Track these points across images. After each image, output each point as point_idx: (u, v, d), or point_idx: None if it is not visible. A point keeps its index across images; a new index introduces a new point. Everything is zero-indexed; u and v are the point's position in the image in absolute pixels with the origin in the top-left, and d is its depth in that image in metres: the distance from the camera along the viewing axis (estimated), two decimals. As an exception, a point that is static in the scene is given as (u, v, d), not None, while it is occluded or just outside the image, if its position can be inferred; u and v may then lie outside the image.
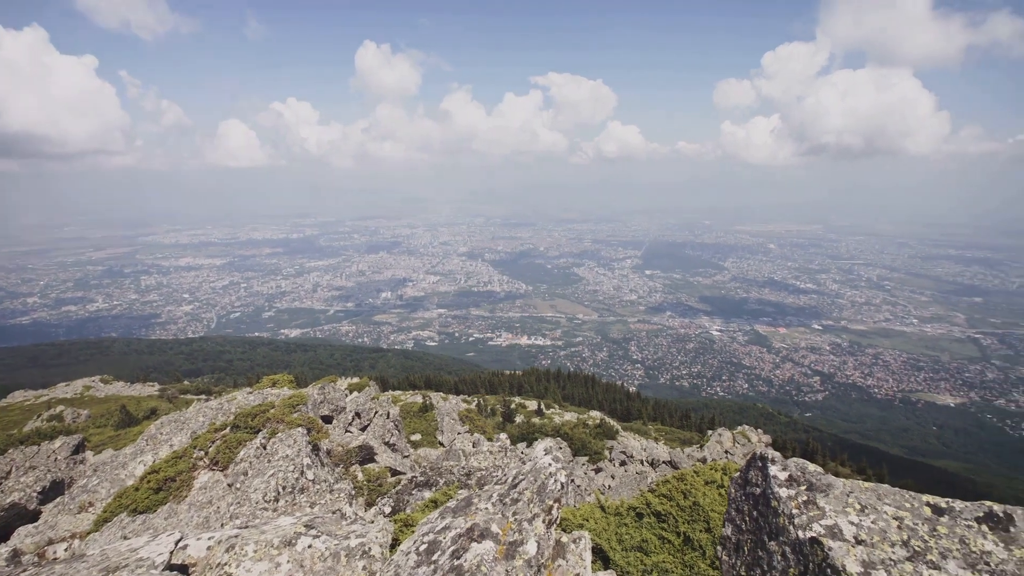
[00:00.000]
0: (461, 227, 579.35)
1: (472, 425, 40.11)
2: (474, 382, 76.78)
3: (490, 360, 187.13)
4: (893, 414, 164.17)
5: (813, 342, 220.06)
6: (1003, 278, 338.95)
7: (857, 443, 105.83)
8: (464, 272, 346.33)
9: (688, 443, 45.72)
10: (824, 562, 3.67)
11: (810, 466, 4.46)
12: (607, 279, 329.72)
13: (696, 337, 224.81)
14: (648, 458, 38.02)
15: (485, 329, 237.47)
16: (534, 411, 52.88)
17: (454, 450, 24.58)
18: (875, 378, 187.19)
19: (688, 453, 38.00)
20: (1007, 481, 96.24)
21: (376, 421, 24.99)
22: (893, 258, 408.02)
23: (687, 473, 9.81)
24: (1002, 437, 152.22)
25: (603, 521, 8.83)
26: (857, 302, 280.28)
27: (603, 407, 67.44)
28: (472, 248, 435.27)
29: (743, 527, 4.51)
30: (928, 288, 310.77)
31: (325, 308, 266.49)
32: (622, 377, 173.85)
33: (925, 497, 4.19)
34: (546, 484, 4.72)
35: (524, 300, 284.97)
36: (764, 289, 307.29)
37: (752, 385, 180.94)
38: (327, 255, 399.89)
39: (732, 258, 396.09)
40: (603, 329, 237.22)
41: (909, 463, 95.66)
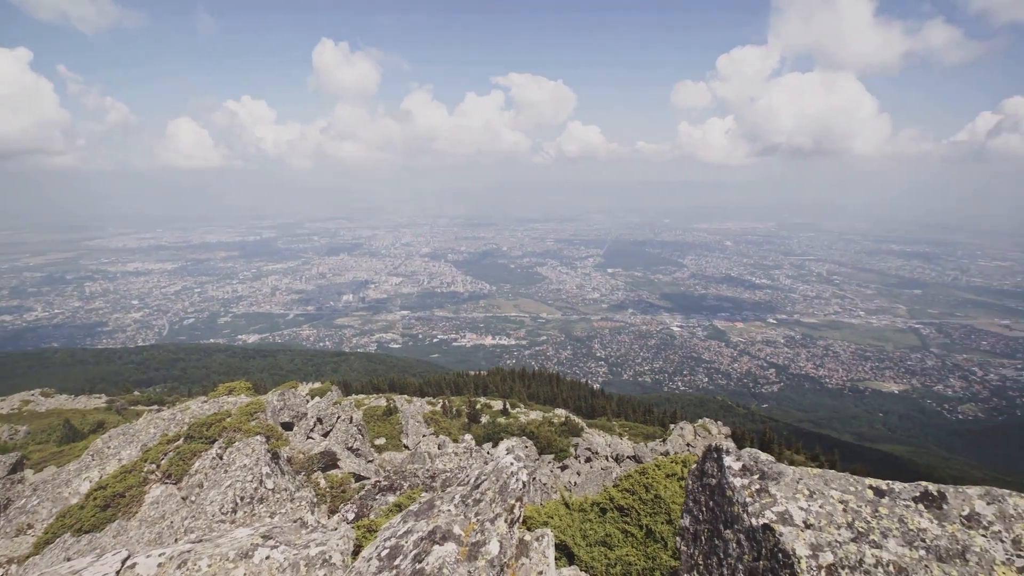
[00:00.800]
0: (424, 228, 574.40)
1: (437, 427, 39.84)
2: (439, 383, 76.25)
3: (455, 361, 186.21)
4: (843, 402, 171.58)
5: (768, 336, 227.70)
6: (940, 271, 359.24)
7: (811, 431, 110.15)
8: (427, 273, 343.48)
9: (651, 437, 46.61)
10: (776, 547, 3.81)
11: (762, 455, 4.62)
12: (570, 278, 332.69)
13: (657, 333, 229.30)
14: (613, 454, 38.59)
15: (449, 330, 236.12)
16: (500, 411, 52.89)
17: (419, 452, 24.38)
18: (826, 369, 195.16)
19: (651, 447, 38.73)
20: (944, 461, 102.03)
21: (339, 426, 24.54)
22: (841, 253, 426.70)
23: (649, 467, 9.99)
24: (940, 420, 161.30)
25: (568, 518, 8.91)
26: (809, 296, 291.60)
27: (568, 405, 68.03)
28: (435, 249, 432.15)
29: (700, 517, 4.63)
30: (873, 282, 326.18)
31: (284, 312, 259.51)
32: (586, 375, 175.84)
33: (868, 481, 4.40)
34: (508, 483, 4.74)
35: (488, 300, 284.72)
36: (722, 285, 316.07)
37: (712, 379, 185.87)
38: (286, 258, 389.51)
39: (691, 256, 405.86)
40: (567, 327, 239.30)
41: (859, 448, 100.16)
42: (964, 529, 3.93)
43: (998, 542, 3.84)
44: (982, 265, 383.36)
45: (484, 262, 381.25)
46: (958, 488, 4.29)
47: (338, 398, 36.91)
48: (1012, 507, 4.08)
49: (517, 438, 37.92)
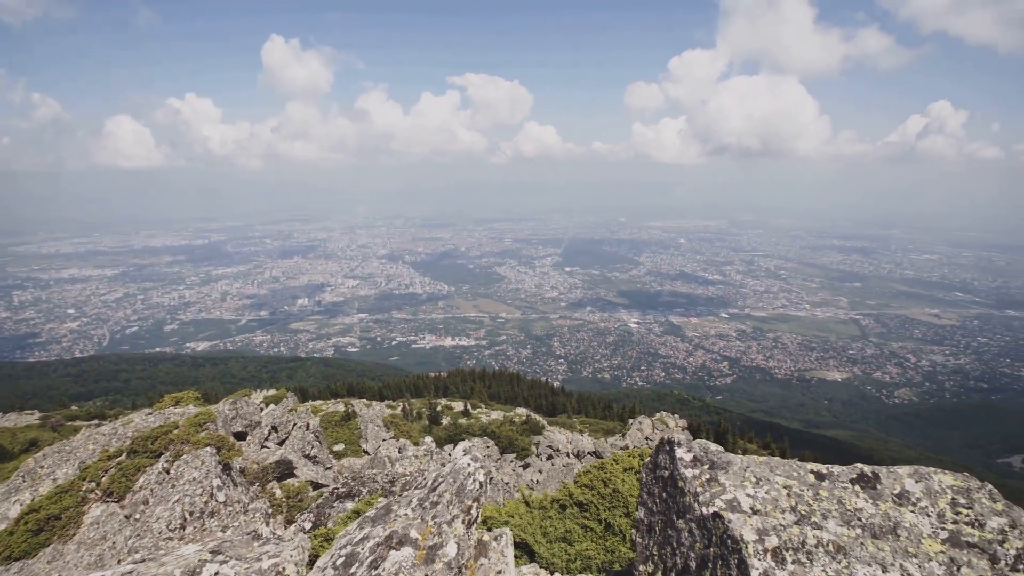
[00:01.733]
0: (380, 229, 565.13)
1: (397, 430, 39.33)
2: (399, 386, 75.30)
3: (414, 363, 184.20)
4: (792, 392, 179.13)
5: (721, 330, 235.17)
6: (876, 265, 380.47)
7: (763, 420, 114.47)
8: (384, 275, 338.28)
9: (611, 433, 47.38)
10: (725, 534, 3.94)
11: (712, 446, 4.78)
12: (529, 277, 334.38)
13: (615, 330, 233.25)
14: (574, 450, 39.00)
15: (408, 332, 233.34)
16: (461, 412, 52.68)
17: (379, 457, 24.00)
18: (776, 360, 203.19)
19: (611, 442, 39.34)
20: (883, 444, 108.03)
21: (295, 434, 23.87)
22: (787, 249, 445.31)
23: (607, 462, 10.14)
24: (879, 405, 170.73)
25: (528, 516, 8.96)
26: (758, 291, 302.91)
27: (529, 403, 68.40)
28: (392, 250, 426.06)
29: (654, 509, 4.75)
30: (817, 276, 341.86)
31: (236, 318, 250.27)
32: (546, 373, 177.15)
33: (809, 465, 4.61)
34: (465, 484, 4.73)
35: (447, 301, 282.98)
36: (676, 282, 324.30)
37: (668, 373, 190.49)
38: (236, 261, 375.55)
39: (646, 253, 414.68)
40: (526, 327, 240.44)
41: (807, 435, 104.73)
42: (895, 506, 4.18)
43: (925, 517, 4.11)
44: (914, 258, 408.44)
45: (442, 263, 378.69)
46: (890, 468, 4.55)
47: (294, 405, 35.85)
48: (937, 484, 4.36)
49: (479, 438, 37.84)
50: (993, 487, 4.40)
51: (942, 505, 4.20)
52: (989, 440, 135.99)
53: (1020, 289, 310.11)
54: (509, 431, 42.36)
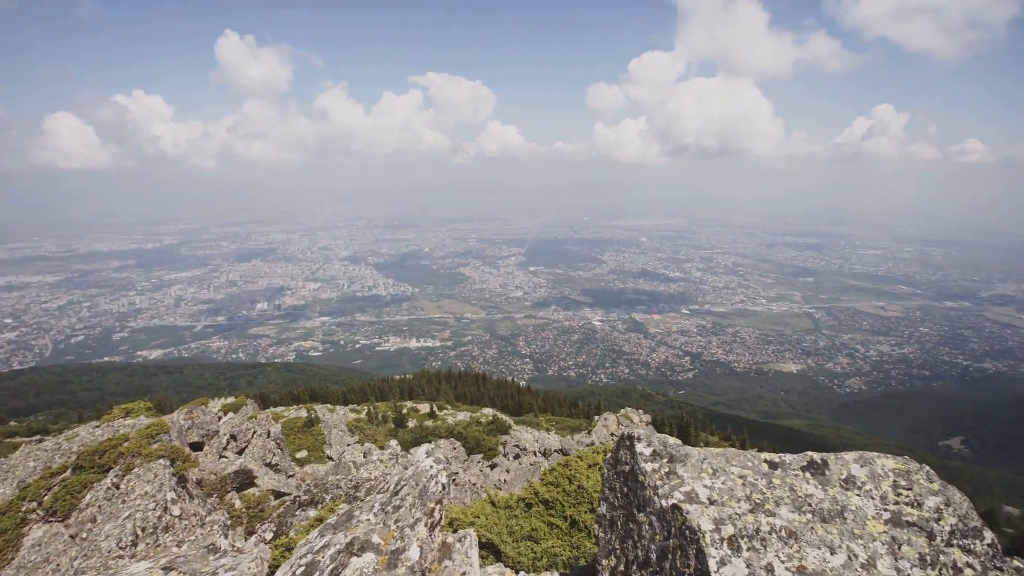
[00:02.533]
0: (342, 230, 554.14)
1: (362, 435, 38.70)
2: (363, 390, 74.12)
3: (379, 366, 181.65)
4: (750, 384, 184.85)
5: (683, 325, 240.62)
6: (827, 260, 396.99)
7: (723, 413, 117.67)
8: (347, 277, 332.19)
9: (577, 430, 47.86)
10: (684, 525, 4.04)
11: (671, 440, 4.89)
12: (493, 277, 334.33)
13: (580, 328, 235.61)
14: (541, 449, 39.21)
15: (372, 335, 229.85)
16: (427, 414, 52.27)
17: (343, 463, 23.57)
18: (735, 354, 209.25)
19: (577, 439, 39.72)
20: (836, 431, 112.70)
21: (255, 442, 23.18)
22: (744, 246, 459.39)
23: (572, 459, 10.24)
24: (831, 395, 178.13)
25: (494, 516, 8.96)
26: (717, 287, 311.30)
27: (495, 403, 68.38)
28: (354, 252, 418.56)
29: (616, 503, 4.82)
30: (772, 272, 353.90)
31: (191, 324, 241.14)
32: (512, 372, 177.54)
33: (763, 455, 4.77)
34: (427, 487, 4.69)
35: (411, 302, 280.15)
36: (639, 279, 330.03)
37: (632, 369, 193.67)
38: (191, 265, 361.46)
39: (609, 252, 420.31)
40: (491, 327, 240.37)
41: (765, 425, 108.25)
42: (843, 491, 4.37)
43: (869, 499, 4.31)
44: (861, 254, 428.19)
45: (406, 264, 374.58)
46: (838, 455, 4.75)
47: (254, 412, 34.80)
48: (880, 467, 4.58)
49: (445, 440, 37.63)
50: (931, 469, 4.65)
51: (885, 488, 4.41)
52: (931, 424, 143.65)
53: (957, 281, 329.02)
54: (476, 432, 42.30)
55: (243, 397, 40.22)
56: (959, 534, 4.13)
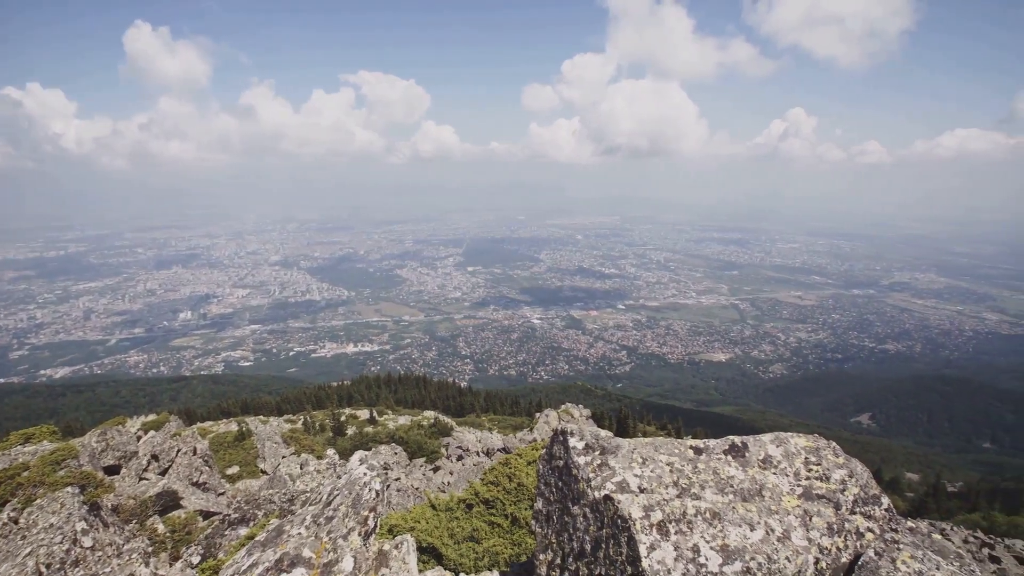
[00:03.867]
0: (272, 234, 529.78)
1: (299, 446, 37.27)
2: (299, 399, 71.40)
3: (315, 373, 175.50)
4: (684, 374, 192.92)
5: (619, 321, 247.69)
6: (750, 254, 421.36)
7: (659, 404, 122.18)
8: (278, 282, 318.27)
9: (520, 428, 48.21)
10: (615, 514, 4.16)
11: (602, 433, 5.03)
12: (431, 278, 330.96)
13: (519, 327, 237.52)
14: (484, 448, 39.21)
15: (307, 341, 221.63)
16: (367, 420, 51.06)
17: (278, 476, 22.63)
18: (668, 346, 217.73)
19: (520, 437, 40.02)
20: (762, 415, 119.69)
21: (180, 461, 21.76)
22: (674, 242, 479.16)
23: (511, 457, 10.30)
24: (757, 380, 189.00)
25: (435, 519, 8.89)
26: (651, 282, 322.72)
27: (437, 406, 67.77)
28: (286, 256, 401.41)
29: (551, 498, 4.91)
30: (701, 266, 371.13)
31: (104, 338, 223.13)
32: (453, 374, 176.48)
33: (689, 442, 5.00)
34: (361, 495, 4.59)
35: (347, 307, 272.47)
36: (575, 277, 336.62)
37: (572, 366, 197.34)
38: (102, 274, 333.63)
39: (546, 250, 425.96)
40: (430, 328, 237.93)
41: (698, 413, 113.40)
42: (761, 471, 4.65)
43: (784, 477, 4.61)
44: (780, 247, 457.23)
45: (341, 267, 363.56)
46: (756, 437, 5.05)
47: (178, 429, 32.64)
48: (793, 446, 4.92)
49: (386, 445, 36.89)
50: (836, 444, 5.05)
51: (797, 465, 4.74)
52: (843, 402, 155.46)
53: (862, 271, 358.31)
54: (417, 435, 41.78)
55: (166, 414, 37.72)
56: (861, 502, 4.50)
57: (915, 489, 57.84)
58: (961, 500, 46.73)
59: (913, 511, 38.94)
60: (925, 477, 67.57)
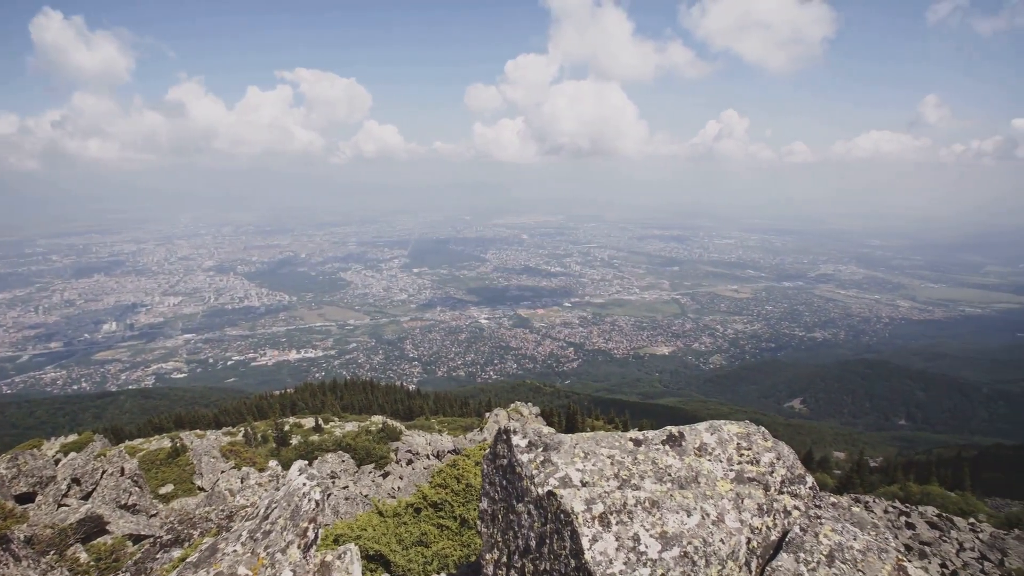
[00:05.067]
0: (205, 238, 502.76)
1: (239, 459, 35.63)
2: (239, 410, 68.33)
3: (256, 383, 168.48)
4: (629, 369, 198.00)
5: (566, 318, 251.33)
6: (689, 250, 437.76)
7: (606, 398, 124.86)
8: (214, 289, 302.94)
9: (470, 428, 48.06)
10: (559, 509, 4.22)
11: (545, 430, 5.08)
12: (376, 281, 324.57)
13: (467, 328, 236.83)
14: (434, 451, 38.84)
15: (246, 349, 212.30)
16: (312, 428, 49.51)
17: (217, 492, 21.59)
18: (614, 341, 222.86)
19: (470, 438, 39.90)
20: (704, 405, 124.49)
21: (105, 483, 20.33)
22: (618, 240, 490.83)
23: (459, 459, 10.25)
24: (698, 372, 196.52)
25: (382, 526, 8.73)
26: (595, 279, 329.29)
27: (385, 410, 66.59)
28: (221, 261, 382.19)
29: (496, 497, 4.92)
30: (643, 263, 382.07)
31: (15, 354, 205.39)
32: (401, 377, 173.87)
33: (629, 434, 5.13)
34: (300, 506, 4.44)
35: (289, 312, 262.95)
36: (522, 276, 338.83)
37: (520, 364, 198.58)
38: (11, 284, 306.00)
39: (492, 250, 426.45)
40: (377, 332, 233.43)
41: (644, 406, 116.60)
42: (696, 458, 4.84)
43: (718, 463, 4.82)
44: (717, 243, 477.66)
45: (281, 271, 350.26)
46: (692, 426, 5.25)
47: (103, 449, 30.48)
48: (726, 433, 5.14)
49: (333, 453, 35.89)
50: (766, 429, 5.32)
51: (730, 451, 4.96)
52: (777, 389, 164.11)
53: (792, 264, 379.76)
54: (365, 441, 40.88)
55: (88, 433, 35.28)
56: (788, 482, 4.77)
57: (842, 466, 61.74)
58: (882, 474, 50.35)
59: (841, 487, 41.57)
60: (851, 455, 72.31)
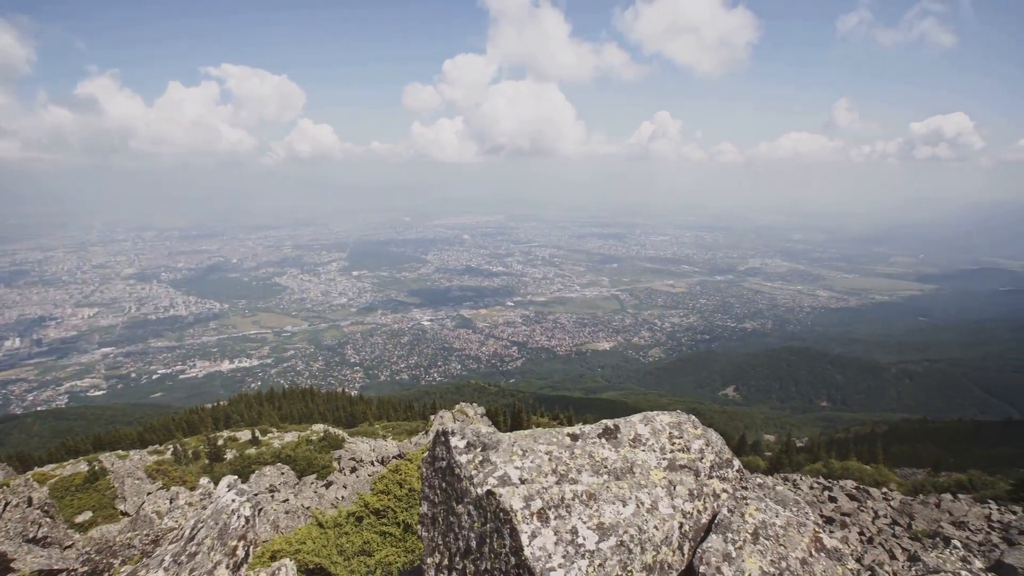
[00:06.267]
0: (124, 244, 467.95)
1: (167, 479, 33.57)
2: (166, 427, 64.29)
3: (186, 396, 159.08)
4: (572, 365, 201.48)
5: (508, 317, 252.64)
6: (627, 247, 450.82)
7: (551, 395, 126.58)
8: (135, 298, 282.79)
9: (415, 432, 47.38)
10: (498, 508, 4.23)
11: (483, 429, 5.09)
12: (314, 285, 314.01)
13: (410, 330, 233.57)
14: (378, 457, 38.03)
15: (173, 362, 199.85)
16: (248, 441, 47.24)
17: (143, 516, 20.23)
18: (557, 339, 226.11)
19: (415, 441, 39.35)
20: (644, 397, 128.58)
21: (9, 516, 18.62)
22: (558, 238, 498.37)
23: (401, 463, 10.09)
24: (638, 365, 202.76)
25: (322, 538, 8.47)
26: (537, 278, 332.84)
27: (327, 418, 64.60)
28: (143, 268, 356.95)
29: (436, 500, 4.88)
30: (583, 260, 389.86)
31: None
32: (342, 383, 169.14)
33: (566, 429, 5.22)
34: (229, 524, 4.22)
35: (220, 320, 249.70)
36: (464, 276, 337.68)
37: (464, 365, 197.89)
38: None
39: (433, 251, 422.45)
40: (316, 338, 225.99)
41: (587, 401, 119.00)
42: (631, 449, 4.99)
43: (652, 453, 4.99)
44: (653, 240, 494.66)
45: (211, 278, 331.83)
46: (627, 419, 5.41)
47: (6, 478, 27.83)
48: (659, 423, 5.33)
49: (271, 466, 34.44)
50: (696, 417, 5.56)
51: (663, 440, 5.15)
52: (713, 378, 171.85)
53: (723, 259, 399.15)
54: (306, 451, 39.53)
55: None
56: (716, 467, 5.00)
57: (772, 448, 65.51)
58: (807, 453, 53.82)
59: (771, 467, 44.12)
60: (780, 437, 76.81)
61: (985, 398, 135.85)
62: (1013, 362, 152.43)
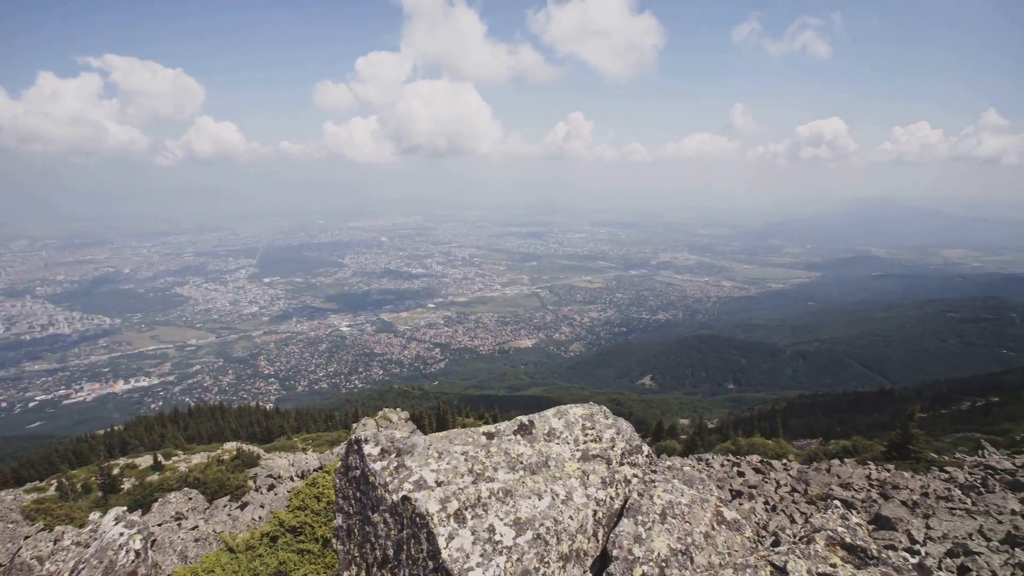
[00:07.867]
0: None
1: (50, 518, 30.11)
2: (48, 459, 57.61)
3: (72, 424, 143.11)
4: (495, 364, 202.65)
5: (430, 319, 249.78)
6: (546, 245, 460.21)
7: (475, 395, 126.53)
8: (2, 317, 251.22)
9: (337, 442, 45.70)
10: (414, 513, 4.17)
11: (397, 434, 4.99)
12: (220, 294, 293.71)
13: (327, 337, 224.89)
14: (298, 472, 36.29)
15: (55, 386, 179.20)
16: (150, 467, 43.44)
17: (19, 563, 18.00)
18: (479, 339, 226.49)
19: (337, 452, 37.94)
20: (567, 391, 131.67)
21: None
22: (478, 238, 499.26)
23: (318, 476, 9.70)
24: (560, 360, 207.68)
25: (233, 563, 7.97)
26: (457, 278, 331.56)
27: (239, 435, 60.78)
28: (13, 282, 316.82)
29: (351, 511, 4.73)
30: (503, 260, 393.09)
31: None
32: (256, 396, 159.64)
33: (481, 428, 5.24)
34: (115, 561, 3.86)
35: (111, 337, 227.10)
36: (383, 279, 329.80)
37: (386, 370, 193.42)
38: None
39: (350, 254, 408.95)
40: (224, 350, 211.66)
41: (512, 398, 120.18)
42: (546, 443, 5.09)
43: (566, 445, 5.12)
44: (570, 237, 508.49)
45: (99, 291, 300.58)
46: (541, 414, 5.51)
47: None
48: (572, 416, 5.49)
49: (178, 491, 31.89)
50: (607, 408, 5.77)
51: (576, 432, 5.30)
52: (631, 369, 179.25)
53: (636, 254, 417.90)
54: (217, 472, 37.02)
55: None
56: (627, 454, 5.22)
57: (687, 431, 69.44)
58: (718, 433, 57.61)
59: (687, 449, 46.71)
60: (694, 420, 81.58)
61: (863, 371, 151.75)
62: (883, 338, 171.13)
